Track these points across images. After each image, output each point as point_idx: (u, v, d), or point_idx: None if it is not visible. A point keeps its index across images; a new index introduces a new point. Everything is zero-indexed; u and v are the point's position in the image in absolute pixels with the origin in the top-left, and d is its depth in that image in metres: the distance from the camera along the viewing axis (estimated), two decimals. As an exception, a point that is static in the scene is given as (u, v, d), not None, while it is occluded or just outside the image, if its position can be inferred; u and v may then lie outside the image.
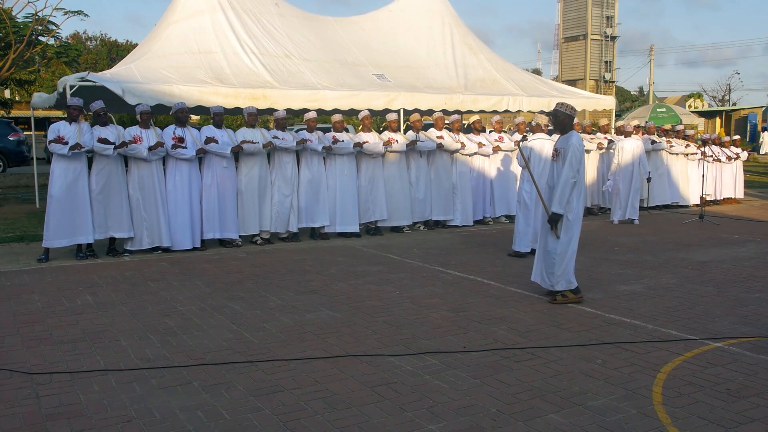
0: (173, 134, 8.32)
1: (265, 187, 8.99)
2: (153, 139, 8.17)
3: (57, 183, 7.69)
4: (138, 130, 8.21)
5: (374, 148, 9.61)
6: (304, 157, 9.29)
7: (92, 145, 7.76)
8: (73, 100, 7.94)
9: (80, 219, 7.77)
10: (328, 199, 9.42)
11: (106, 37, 38.45)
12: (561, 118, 5.87)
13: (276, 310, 5.61)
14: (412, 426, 3.38)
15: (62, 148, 7.56)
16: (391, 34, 13.03)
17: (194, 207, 8.45)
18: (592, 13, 48.33)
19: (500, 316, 5.41)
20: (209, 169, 8.54)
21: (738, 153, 14.38)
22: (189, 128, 8.57)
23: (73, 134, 7.70)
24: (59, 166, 7.70)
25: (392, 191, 9.93)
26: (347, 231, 9.57)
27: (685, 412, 3.54)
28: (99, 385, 3.94)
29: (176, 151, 8.25)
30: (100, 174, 7.93)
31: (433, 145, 10.07)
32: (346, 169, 9.51)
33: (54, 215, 7.69)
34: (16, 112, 27.15)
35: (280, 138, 8.99)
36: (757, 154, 30.92)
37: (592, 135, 12.24)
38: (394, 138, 9.84)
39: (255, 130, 8.94)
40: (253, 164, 8.85)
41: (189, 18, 10.99)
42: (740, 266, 7.44)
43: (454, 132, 10.50)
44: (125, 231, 8.10)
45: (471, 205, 10.63)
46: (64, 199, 7.69)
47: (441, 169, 10.33)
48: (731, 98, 53.92)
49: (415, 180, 10.13)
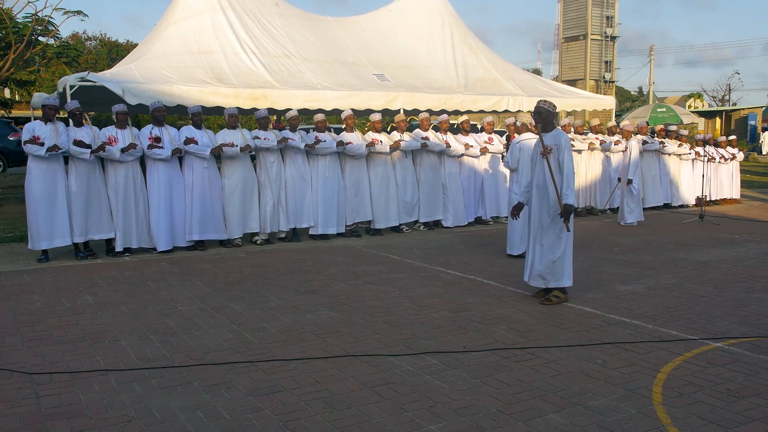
0: (150, 134, 8.23)
1: (252, 188, 8.90)
2: (128, 139, 8.08)
3: (36, 184, 7.61)
4: (114, 131, 8.11)
5: (357, 149, 9.51)
6: (288, 157, 9.20)
7: (68, 147, 7.67)
8: (50, 99, 7.87)
9: (60, 220, 7.70)
10: (312, 200, 9.33)
11: (106, 37, 38.48)
12: (544, 114, 5.80)
13: (276, 310, 5.61)
14: (412, 426, 3.38)
15: (39, 149, 7.47)
16: (391, 34, 13.03)
17: (174, 208, 8.36)
18: (592, 13, 48.39)
19: (500, 316, 5.41)
20: (190, 169, 8.46)
21: (734, 153, 14.38)
22: (167, 128, 8.45)
23: (49, 134, 7.61)
24: (37, 166, 7.61)
25: (378, 192, 9.84)
26: (329, 233, 9.44)
27: (685, 412, 3.54)
28: (99, 385, 3.94)
29: (152, 151, 8.16)
30: (79, 175, 7.83)
31: (418, 145, 9.99)
32: (329, 170, 9.38)
33: (34, 217, 7.63)
34: (16, 112, 27.15)
35: (262, 138, 8.91)
36: (757, 155, 30.93)
37: (583, 135, 12.22)
38: (378, 139, 9.75)
39: (235, 132, 8.83)
40: (236, 166, 8.76)
41: (189, 18, 10.99)
42: (740, 266, 7.44)
43: (441, 132, 10.41)
44: (105, 232, 8.04)
45: (462, 206, 10.58)
46: (42, 201, 7.61)
47: (429, 169, 10.27)
48: (731, 98, 53.93)
49: (402, 181, 10.05)
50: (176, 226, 8.42)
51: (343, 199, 9.58)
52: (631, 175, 10.80)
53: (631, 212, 10.82)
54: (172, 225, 8.38)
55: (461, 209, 10.57)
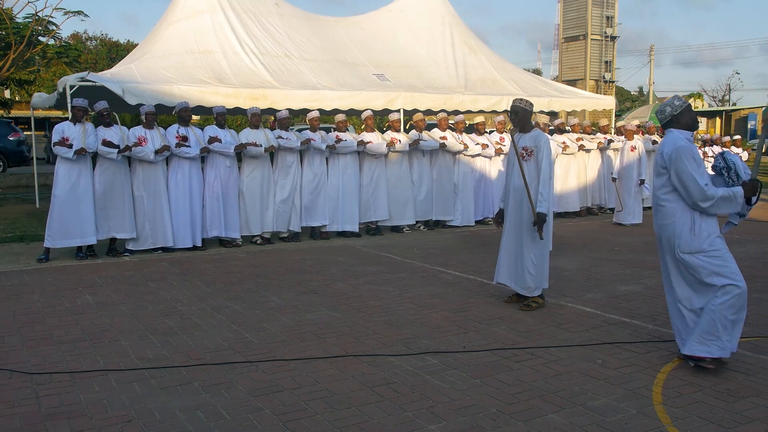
0: (177, 133, 8.35)
1: (268, 187, 9.02)
2: (157, 139, 8.19)
3: (61, 184, 7.72)
4: (142, 131, 8.21)
5: (377, 148, 9.65)
6: (306, 157, 9.31)
7: (96, 147, 7.79)
8: (78, 101, 7.94)
9: (83, 220, 7.78)
10: (330, 198, 9.45)
11: (106, 37, 38.49)
12: (521, 114, 5.55)
13: (276, 310, 5.61)
14: (412, 426, 3.38)
15: (67, 151, 7.59)
16: (391, 34, 13.03)
17: (195, 205, 8.46)
18: (592, 13, 48.39)
19: (500, 316, 5.41)
20: (212, 168, 8.57)
21: (738, 154, 14.37)
22: (192, 127, 8.60)
23: (78, 135, 7.72)
24: (63, 167, 7.74)
25: (394, 191, 9.96)
26: (347, 230, 9.58)
27: (685, 412, 3.54)
28: (99, 385, 3.94)
29: (180, 150, 8.27)
30: (104, 174, 7.95)
31: (436, 145, 10.10)
32: (349, 168, 9.54)
33: (57, 216, 7.72)
34: (16, 112, 27.15)
35: (284, 138, 9.02)
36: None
37: (591, 135, 12.24)
38: (397, 138, 9.86)
39: (258, 132, 8.95)
40: (256, 165, 8.88)
41: (189, 18, 10.99)
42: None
43: (457, 132, 10.52)
44: (127, 232, 8.11)
45: (472, 206, 10.67)
46: (67, 200, 7.71)
47: (443, 169, 10.37)
48: (731, 98, 53.94)
49: (418, 180, 10.17)
50: (196, 224, 8.50)
51: (360, 197, 9.71)
52: (644, 176, 10.75)
53: (632, 214, 10.76)
54: (193, 223, 8.45)
55: (471, 209, 10.64)
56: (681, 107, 4.16)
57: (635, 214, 10.77)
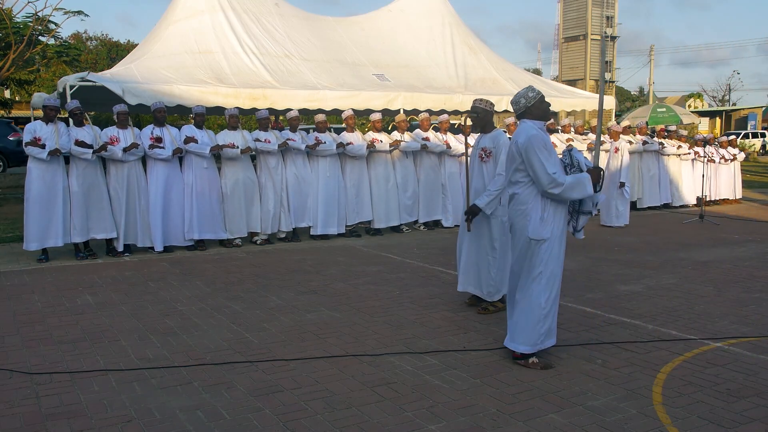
0: (151, 134, 8.23)
1: (252, 189, 8.88)
2: (130, 139, 8.08)
3: (35, 185, 7.60)
4: (115, 131, 8.12)
5: (357, 150, 9.49)
6: (289, 158, 9.18)
7: (70, 148, 7.67)
8: (50, 100, 7.86)
9: (54, 222, 7.68)
10: (313, 200, 9.33)
11: (107, 37, 38.50)
12: (482, 114, 5.47)
13: (276, 310, 5.61)
14: (412, 426, 3.38)
15: (40, 152, 7.47)
16: (391, 34, 13.04)
17: (173, 207, 8.36)
18: (592, 13, 48.39)
19: (500, 316, 5.40)
20: (190, 169, 8.46)
21: (735, 154, 14.36)
22: (168, 128, 8.45)
23: (51, 135, 7.60)
24: (37, 167, 7.61)
25: (379, 192, 9.81)
26: (329, 233, 9.43)
27: (685, 412, 3.54)
28: (99, 385, 3.94)
29: (153, 151, 8.16)
30: (81, 176, 7.82)
31: (417, 146, 9.96)
32: (329, 170, 9.36)
33: (33, 218, 7.62)
34: (16, 112, 27.16)
35: (263, 139, 8.89)
36: (757, 155, 30.93)
37: (583, 136, 12.21)
38: (378, 138, 9.74)
39: (236, 133, 8.81)
40: (237, 167, 8.74)
41: (189, 18, 11.00)
42: (740, 266, 7.43)
43: (441, 132, 10.38)
44: (107, 231, 8.04)
45: (461, 206, 10.55)
46: (42, 202, 7.61)
47: (429, 169, 10.23)
48: (731, 98, 53.94)
49: (402, 181, 10.02)
50: (174, 226, 8.40)
51: (344, 199, 9.56)
52: (623, 178, 10.71)
53: (618, 215, 10.67)
54: (169, 225, 8.36)
55: (460, 209, 10.53)
56: (534, 99, 4.29)
57: (621, 214, 10.67)
